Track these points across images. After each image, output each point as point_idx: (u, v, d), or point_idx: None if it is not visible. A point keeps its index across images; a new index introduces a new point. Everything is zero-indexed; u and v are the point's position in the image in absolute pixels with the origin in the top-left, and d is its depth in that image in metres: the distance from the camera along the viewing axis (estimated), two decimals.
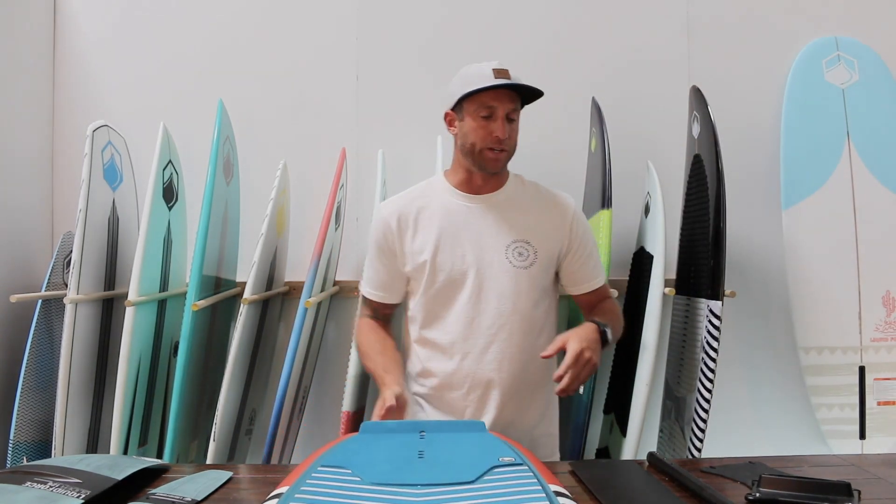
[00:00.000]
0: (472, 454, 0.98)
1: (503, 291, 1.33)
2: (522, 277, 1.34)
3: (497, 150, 1.32)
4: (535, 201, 1.41)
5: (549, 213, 1.40)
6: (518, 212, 1.38)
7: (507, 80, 1.29)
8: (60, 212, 2.24)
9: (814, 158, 2.12)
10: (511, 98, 1.32)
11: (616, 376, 2.06)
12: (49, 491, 0.92)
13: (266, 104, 2.23)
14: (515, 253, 1.34)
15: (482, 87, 1.28)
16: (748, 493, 0.97)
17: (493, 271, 1.33)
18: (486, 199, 1.38)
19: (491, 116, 1.31)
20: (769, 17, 2.22)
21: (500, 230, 1.36)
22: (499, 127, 1.30)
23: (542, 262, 1.36)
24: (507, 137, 1.31)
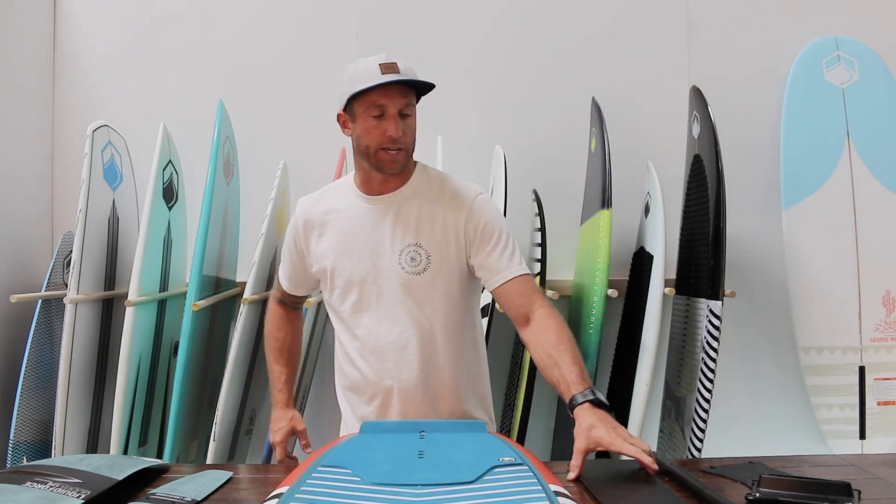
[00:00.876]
0: (472, 454, 0.98)
1: (397, 299, 1.27)
2: (414, 283, 1.27)
3: (393, 149, 1.24)
4: (435, 198, 1.31)
5: (445, 211, 1.29)
6: (415, 213, 1.29)
7: (394, 76, 1.20)
8: (60, 212, 2.24)
9: (814, 158, 2.12)
10: (402, 93, 1.22)
11: (616, 376, 2.06)
12: (49, 491, 0.92)
13: (266, 104, 2.23)
14: (408, 258, 1.27)
15: (368, 87, 1.19)
16: (748, 493, 0.97)
17: (388, 278, 1.28)
18: (385, 200, 1.30)
19: (383, 115, 1.22)
20: (769, 17, 2.22)
21: (394, 234, 1.28)
22: (391, 126, 1.21)
23: (437, 265, 1.27)
24: (401, 136, 1.22)
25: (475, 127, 2.22)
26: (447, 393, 1.32)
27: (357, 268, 1.29)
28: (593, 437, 1.05)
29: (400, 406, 1.30)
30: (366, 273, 1.28)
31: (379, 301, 1.29)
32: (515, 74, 2.21)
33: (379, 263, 1.28)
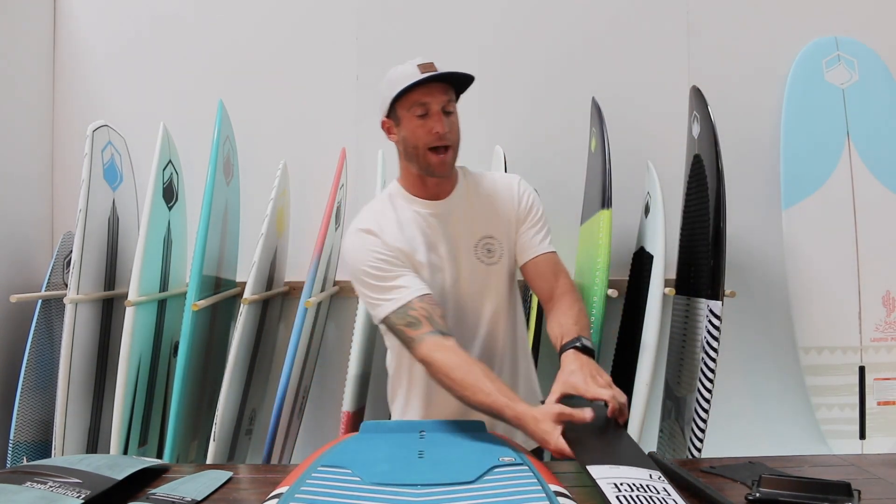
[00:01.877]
0: (472, 454, 0.98)
1: (479, 291, 1.33)
2: (493, 273, 1.33)
3: (441, 148, 1.25)
4: (486, 192, 1.37)
5: (499, 200, 1.36)
6: (476, 208, 1.35)
7: (434, 73, 1.23)
8: (60, 212, 2.24)
9: (814, 158, 2.12)
10: (443, 90, 1.25)
11: (616, 376, 2.06)
12: (49, 491, 0.92)
13: (266, 104, 2.23)
14: (485, 250, 1.33)
15: (410, 85, 1.22)
16: (748, 493, 0.97)
17: (469, 273, 1.32)
18: (446, 203, 1.33)
19: (427, 114, 1.24)
20: (769, 17, 2.22)
21: (466, 230, 1.33)
22: (437, 123, 1.24)
23: (509, 253, 1.36)
24: (447, 131, 1.25)
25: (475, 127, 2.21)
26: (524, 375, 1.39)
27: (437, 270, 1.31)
28: (570, 382, 1.09)
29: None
30: (446, 273, 1.32)
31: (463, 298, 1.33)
32: (515, 74, 2.21)
33: (458, 262, 1.32)
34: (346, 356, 1.90)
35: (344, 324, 2.21)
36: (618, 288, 1.81)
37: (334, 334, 2.22)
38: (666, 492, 0.86)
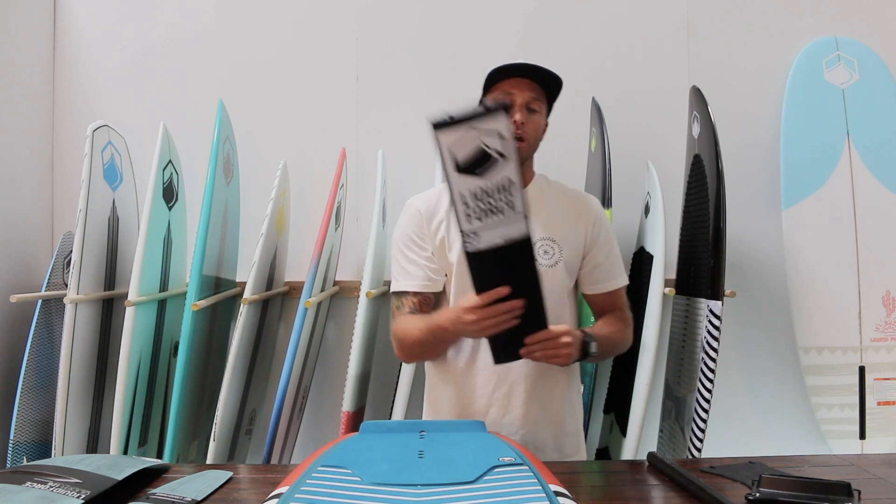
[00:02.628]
0: (472, 454, 0.98)
1: None
2: (547, 276, 1.32)
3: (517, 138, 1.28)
4: (560, 200, 1.40)
5: (573, 212, 1.38)
6: (543, 210, 1.37)
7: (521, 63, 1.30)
8: (60, 212, 2.24)
9: (814, 158, 2.12)
10: (531, 88, 1.32)
11: (616, 376, 2.06)
12: (49, 491, 0.92)
13: (266, 104, 2.23)
14: (541, 251, 1.34)
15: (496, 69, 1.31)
16: (748, 493, 0.97)
17: None
18: None
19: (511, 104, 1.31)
20: (769, 17, 2.22)
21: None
22: (516, 112, 1.30)
23: (567, 260, 1.35)
24: (525, 123, 1.30)
25: None
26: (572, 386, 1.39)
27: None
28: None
29: (524, 395, 1.33)
30: None
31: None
32: None
33: None
34: (346, 356, 1.90)
35: (344, 324, 2.21)
36: None
37: (334, 334, 2.22)
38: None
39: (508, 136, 1.04)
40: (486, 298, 1.13)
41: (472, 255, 1.11)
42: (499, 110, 1.03)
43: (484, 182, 1.06)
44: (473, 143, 1.04)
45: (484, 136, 1.04)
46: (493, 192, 1.07)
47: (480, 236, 1.09)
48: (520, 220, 1.08)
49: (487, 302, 1.13)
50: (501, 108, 1.03)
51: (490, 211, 1.08)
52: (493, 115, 1.02)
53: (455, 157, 1.05)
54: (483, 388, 1.34)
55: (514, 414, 1.33)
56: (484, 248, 1.10)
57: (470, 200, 1.07)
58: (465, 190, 1.06)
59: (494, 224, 1.08)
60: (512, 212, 1.07)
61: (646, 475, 1.12)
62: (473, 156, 1.05)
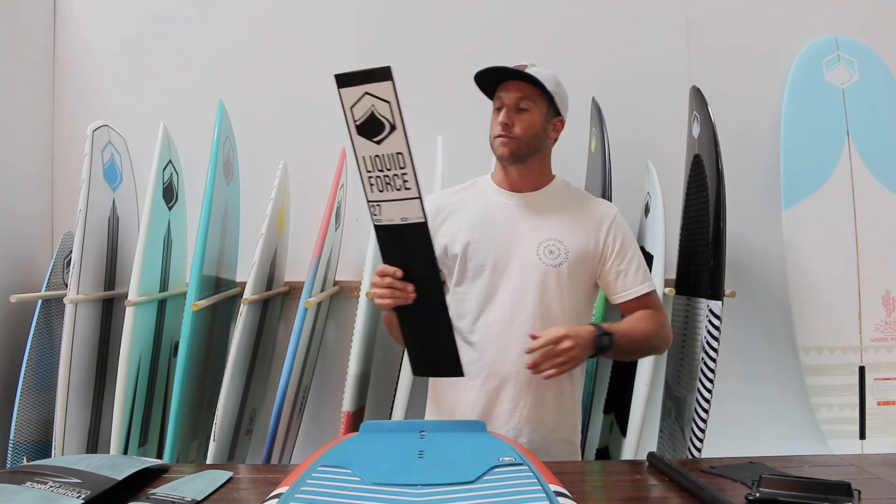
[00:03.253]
0: (472, 454, 0.98)
1: (530, 287, 1.32)
2: (551, 275, 1.33)
3: (503, 136, 1.34)
4: (576, 205, 1.41)
5: (586, 217, 1.38)
6: (555, 211, 1.38)
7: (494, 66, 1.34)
8: (60, 212, 2.24)
9: (814, 158, 2.12)
10: (517, 88, 1.35)
11: (616, 376, 2.06)
12: (49, 491, 0.92)
13: (266, 104, 2.23)
14: (546, 251, 1.34)
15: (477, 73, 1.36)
16: (748, 493, 0.97)
17: (523, 267, 1.33)
18: (524, 197, 1.39)
19: (502, 107, 1.35)
20: (769, 17, 2.22)
21: (534, 227, 1.36)
22: (502, 114, 1.34)
23: (573, 262, 1.34)
24: (510, 124, 1.33)
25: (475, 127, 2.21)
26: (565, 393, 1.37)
27: (490, 252, 1.34)
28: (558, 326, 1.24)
29: (513, 391, 1.33)
30: (499, 259, 1.34)
31: (510, 288, 1.33)
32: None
33: (514, 252, 1.34)
34: (346, 356, 1.90)
35: (344, 324, 2.21)
36: None
37: (334, 334, 2.22)
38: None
39: (395, 104, 1.07)
40: (380, 271, 1.21)
41: (377, 229, 1.18)
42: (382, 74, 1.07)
43: (380, 150, 1.11)
44: (367, 106, 1.08)
45: (376, 102, 1.09)
46: (388, 163, 1.12)
47: (382, 209, 1.15)
48: (415, 205, 1.13)
49: (381, 274, 1.21)
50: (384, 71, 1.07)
51: (387, 183, 1.13)
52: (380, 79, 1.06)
53: (354, 117, 1.09)
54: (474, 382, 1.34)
55: (501, 409, 1.33)
56: (385, 223, 1.16)
57: (370, 164, 1.12)
58: (365, 154, 1.12)
59: (393, 199, 1.14)
60: (407, 191, 1.12)
61: (646, 475, 1.12)
62: (368, 120, 1.10)
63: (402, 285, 1.20)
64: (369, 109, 1.08)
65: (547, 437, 1.35)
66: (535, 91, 1.35)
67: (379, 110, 1.08)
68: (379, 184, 1.14)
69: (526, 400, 1.33)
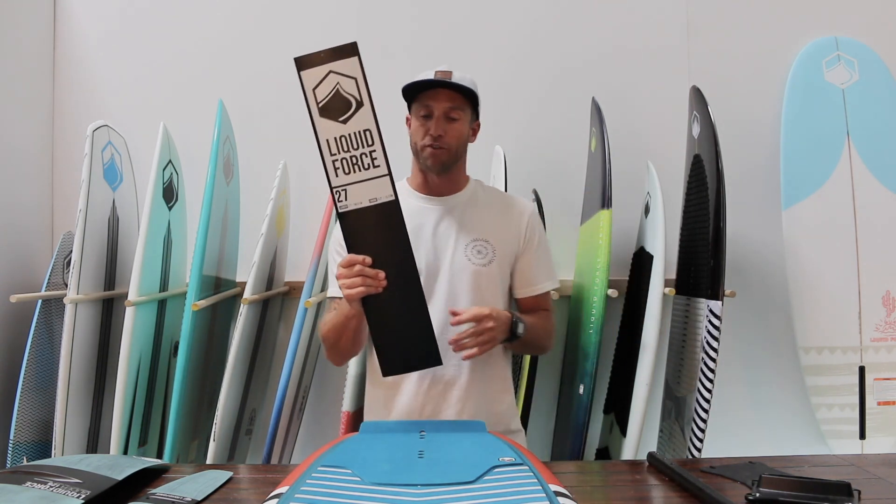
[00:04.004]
0: (472, 454, 0.98)
1: (463, 289, 1.35)
2: (482, 275, 1.35)
3: (435, 147, 1.34)
4: (495, 203, 1.44)
5: (506, 214, 1.42)
6: (477, 212, 1.41)
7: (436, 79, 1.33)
8: (60, 212, 2.24)
9: (814, 158, 2.12)
10: (449, 98, 1.35)
11: (616, 376, 2.06)
12: (49, 491, 0.92)
13: (266, 104, 2.23)
14: (474, 251, 1.36)
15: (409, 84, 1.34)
16: (748, 493, 0.97)
17: (453, 269, 1.35)
18: (444, 201, 1.41)
19: (429, 115, 1.35)
20: (769, 17, 2.22)
21: (459, 229, 1.38)
22: (433, 125, 1.34)
23: (501, 260, 1.38)
24: (443, 135, 1.33)
25: None
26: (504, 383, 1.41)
27: (421, 258, 1.33)
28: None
29: (459, 393, 1.34)
30: (429, 264, 1.35)
31: (444, 292, 1.34)
32: (515, 75, 2.21)
33: (444, 256, 1.36)
34: None
35: None
36: (618, 288, 1.81)
37: None
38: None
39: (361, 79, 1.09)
40: (347, 261, 1.18)
41: (342, 216, 1.16)
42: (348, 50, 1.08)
43: (345, 129, 1.11)
44: (332, 85, 1.09)
45: (341, 80, 1.10)
46: (354, 142, 1.12)
47: (348, 193, 1.14)
48: (385, 183, 1.14)
49: (348, 264, 1.18)
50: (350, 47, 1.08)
51: (354, 164, 1.13)
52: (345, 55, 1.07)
53: (317, 99, 1.10)
54: (416, 387, 1.35)
55: (450, 412, 1.34)
56: (353, 208, 1.15)
57: (334, 147, 1.12)
58: (329, 136, 1.11)
59: (360, 181, 1.13)
60: (376, 169, 1.13)
61: (646, 475, 1.12)
62: (333, 99, 1.11)
63: (374, 272, 1.18)
64: (334, 88, 1.09)
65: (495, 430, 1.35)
66: (462, 99, 1.37)
67: (344, 87, 1.10)
68: (345, 166, 1.13)
69: (471, 400, 1.35)
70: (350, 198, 1.15)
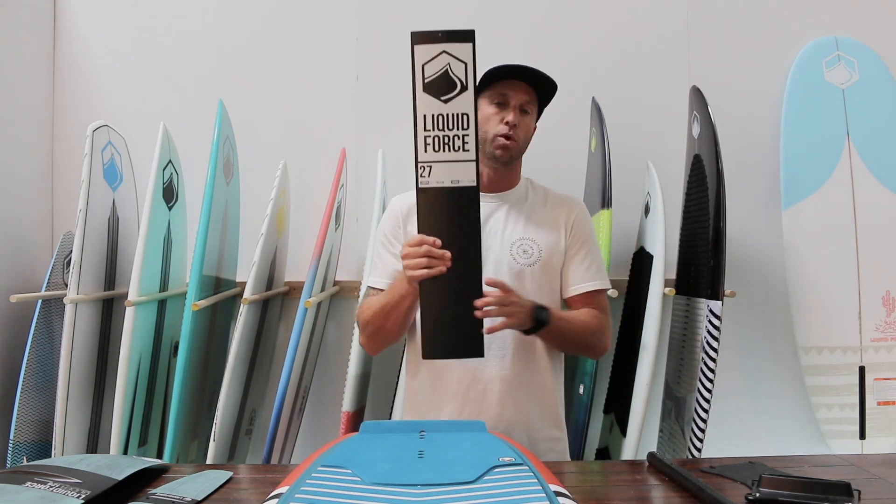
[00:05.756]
0: (472, 454, 0.98)
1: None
2: (526, 274, 1.33)
3: (507, 137, 1.32)
4: (544, 202, 1.42)
5: (555, 213, 1.40)
6: (526, 210, 1.39)
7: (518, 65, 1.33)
8: (60, 212, 2.24)
9: (814, 158, 2.12)
10: (526, 91, 1.35)
11: (616, 376, 2.06)
12: (49, 491, 0.92)
13: (266, 104, 2.23)
14: (520, 250, 1.34)
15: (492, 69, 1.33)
16: (748, 493, 0.97)
17: (498, 267, 1.33)
18: (496, 197, 1.39)
19: (504, 104, 1.34)
20: (769, 17, 2.22)
21: (506, 228, 1.36)
22: (510, 113, 1.32)
23: (547, 260, 1.35)
24: (517, 125, 1.33)
25: None
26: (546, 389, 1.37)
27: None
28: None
29: (499, 395, 1.32)
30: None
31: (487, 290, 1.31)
32: None
33: (488, 253, 1.33)
34: (346, 356, 1.90)
35: (344, 324, 2.21)
36: (618, 288, 1.81)
37: (334, 334, 2.22)
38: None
39: (471, 66, 1.12)
40: (416, 241, 1.17)
41: (421, 191, 1.17)
42: (465, 35, 1.12)
43: (445, 108, 1.13)
44: (442, 64, 1.12)
45: (451, 61, 1.13)
46: (451, 123, 1.14)
47: (432, 170, 1.15)
48: (470, 168, 1.15)
49: (417, 243, 1.17)
50: (467, 33, 1.12)
51: (445, 143, 1.14)
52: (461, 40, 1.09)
53: (424, 74, 1.13)
54: (458, 387, 1.33)
55: (488, 414, 1.32)
56: (433, 185, 1.15)
57: (430, 124, 1.14)
58: (427, 111, 1.14)
59: (447, 160, 1.14)
60: (465, 153, 1.14)
61: (646, 475, 1.12)
62: (440, 78, 1.13)
63: (441, 253, 1.16)
64: (443, 68, 1.13)
65: (533, 437, 1.35)
66: (535, 95, 1.36)
67: (453, 69, 1.13)
68: (435, 144, 1.15)
69: (511, 402, 1.33)
70: (433, 175, 1.16)
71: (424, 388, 1.37)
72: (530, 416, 1.35)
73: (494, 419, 1.32)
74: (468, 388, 1.33)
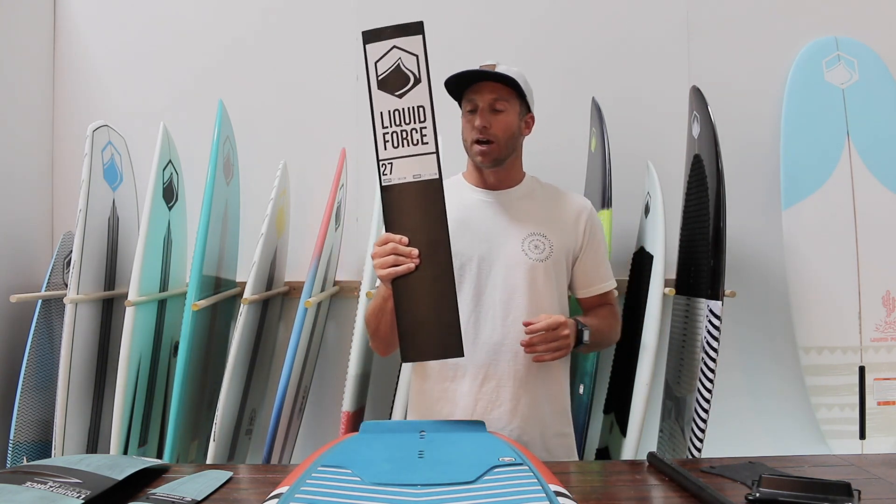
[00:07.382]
0: (472, 454, 0.98)
1: (519, 283, 1.32)
2: (538, 269, 1.33)
3: (482, 141, 1.32)
4: (553, 199, 1.42)
5: (564, 210, 1.40)
6: (534, 207, 1.39)
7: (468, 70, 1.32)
8: (60, 212, 2.24)
9: (814, 158, 2.12)
10: (492, 89, 1.32)
11: (616, 376, 2.06)
12: (49, 491, 0.92)
13: (266, 104, 2.23)
14: (531, 245, 1.34)
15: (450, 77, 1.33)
16: (748, 493, 0.97)
17: (509, 262, 1.33)
18: (502, 195, 1.39)
19: (474, 110, 1.33)
20: (769, 17, 2.22)
21: (517, 223, 1.36)
22: (477, 117, 1.32)
23: (557, 256, 1.35)
24: (488, 126, 1.31)
25: None
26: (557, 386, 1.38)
27: (475, 250, 1.33)
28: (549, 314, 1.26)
29: (513, 390, 1.32)
30: (484, 256, 1.33)
31: (499, 285, 1.32)
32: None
33: (499, 250, 1.33)
34: (346, 356, 1.90)
35: (344, 324, 2.21)
36: (618, 288, 1.80)
37: (334, 334, 2.22)
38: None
39: (423, 58, 1.13)
40: (382, 239, 1.18)
41: (384, 189, 1.18)
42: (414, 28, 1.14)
43: (400, 104, 1.14)
44: (393, 60, 1.13)
45: (403, 55, 1.14)
46: (407, 117, 1.14)
47: (394, 167, 1.16)
48: (431, 160, 1.15)
49: (383, 242, 1.18)
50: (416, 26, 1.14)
51: (404, 138, 1.15)
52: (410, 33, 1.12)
53: (377, 72, 1.14)
54: (471, 385, 1.33)
55: (503, 409, 1.32)
56: (395, 182, 1.16)
57: (387, 120, 1.14)
58: (383, 108, 1.14)
59: (407, 155, 1.15)
60: (424, 146, 1.14)
61: (646, 475, 1.12)
62: (392, 73, 1.15)
63: (408, 251, 1.17)
64: (395, 63, 1.13)
65: (545, 433, 1.35)
66: (508, 90, 1.34)
67: (405, 63, 1.14)
68: (394, 139, 1.15)
69: (525, 398, 1.33)
70: (395, 172, 1.16)
71: (435, 388, 1.36)
72: (543, 413, 1.35)
73: (508, 416, 1.32)
74: (481, 385, 1.33)
